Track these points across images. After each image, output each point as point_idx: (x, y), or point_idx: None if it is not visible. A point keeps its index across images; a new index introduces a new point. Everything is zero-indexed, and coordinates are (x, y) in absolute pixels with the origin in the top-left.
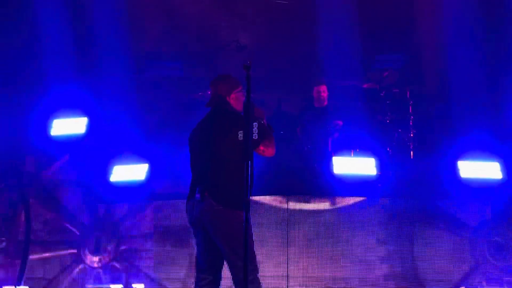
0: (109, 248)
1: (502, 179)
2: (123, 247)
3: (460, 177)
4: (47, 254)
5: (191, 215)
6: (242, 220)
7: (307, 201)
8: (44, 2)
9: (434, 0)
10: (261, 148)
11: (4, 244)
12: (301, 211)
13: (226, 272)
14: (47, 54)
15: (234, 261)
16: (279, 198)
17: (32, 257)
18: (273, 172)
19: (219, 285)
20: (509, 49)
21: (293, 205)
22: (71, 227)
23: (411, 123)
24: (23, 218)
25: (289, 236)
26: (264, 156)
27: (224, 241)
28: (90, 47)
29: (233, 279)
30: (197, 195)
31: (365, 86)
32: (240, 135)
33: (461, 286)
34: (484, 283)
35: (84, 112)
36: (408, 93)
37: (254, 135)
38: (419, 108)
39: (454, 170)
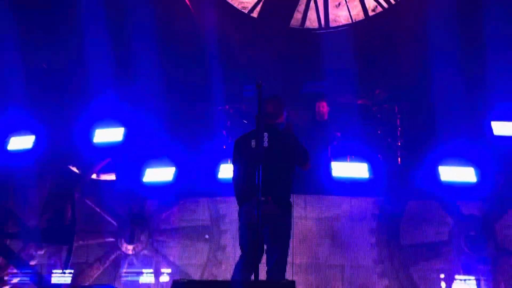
0: (142, 238)
1: (476, 182)
2: (153, 238)
3: (440, 180)
4: (90, 242)
5: (250, 213)
6: (291, 221)
7: (311, 199)
8: (88, 25)
9: (419, 32)
10: (308, 166)
11: None
12: (305, 207)
13: None
14: (90, 72)
15: (276, 251)
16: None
17: (77, 243)
18: None
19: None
20: (482, 70)
21: (299, 203)
22: (110, 219)
23: (398, 134)
24: (69, 211)
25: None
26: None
27: (277, 235)
28: (128, 67)
29: (270, 261)
30: (262, 199)
31: (359, 102)
32: (253, 143)
33: (441, 274)
34: (461, 271)
35: (122, 123)
36: (396, 108)
37: (265, 143)
38: (405, 121)
39: (435, 174)
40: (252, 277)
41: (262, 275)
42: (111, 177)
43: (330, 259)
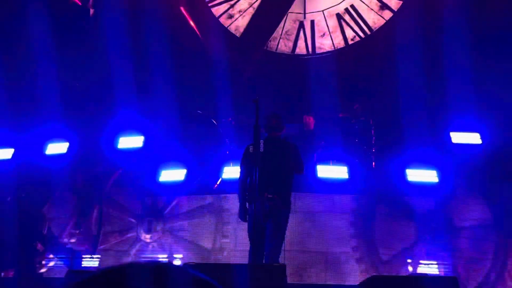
0: (158, 228)
1: (437, 182)
2: (167, 228)
3: (407, 180)
4: (114, 240)
5: (261, 208)
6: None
7: (300, 196)
8: (114, 45)
9: (390, 56)
10: (302, 172)
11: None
12: (295, 203)
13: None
14: (115, 90)
15: (276, 237)
16: None
17: (103, 246)
18: None
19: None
20: (443, 88)
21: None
22: (130, 219)
23: (373, 142)
24: (95, 214)
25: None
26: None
27: (279, 226)
28: (148, 83)
29: (268, 246)
30: (269, 196)
31: (340, 115)
32: (251, 148)
33: (408, 259)
34: (425, 257)
35: (142, 131)
36: (371, 121)
37: (261, 148)
38: (378, 132)
39: (403, 175)
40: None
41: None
42: (130, 179)
43: (316, 247)
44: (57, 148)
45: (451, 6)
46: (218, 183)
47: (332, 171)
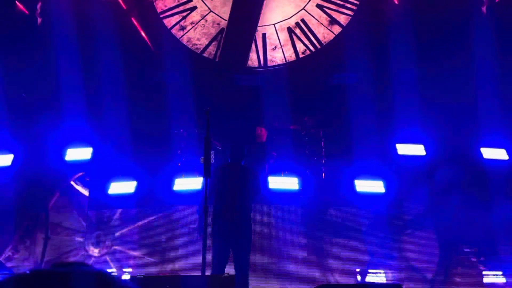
0: (106, 242)
1: (384, 192)
2: (117, 241)
3: (356, 190)
4: (60, 250)
5: (224, 224)
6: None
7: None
8: (63, 55)
9: (338, 70)
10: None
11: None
12: None
13: None
14: (63, 99)
15: (245, 253)
16: None
17: (52, 236)
18: None
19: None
20: (390, 103)
21: None
22: (76, 238)
23: (323, 153)
24: (43, 224)
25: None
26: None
27: (246, 241)
28: (96, 95)
29: (237, 262)
30: (232, 213)
31: (291, 127)
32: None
33: (357, 268)
34: (372, 265)
35: (90, 143)
36: (321, 132)
37: (212, 159)
38: (328, 143)
39: (352, 186)
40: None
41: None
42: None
43: (267, 257)
44: (1, 160)
45: (396, 21)
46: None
47: (283, 182)
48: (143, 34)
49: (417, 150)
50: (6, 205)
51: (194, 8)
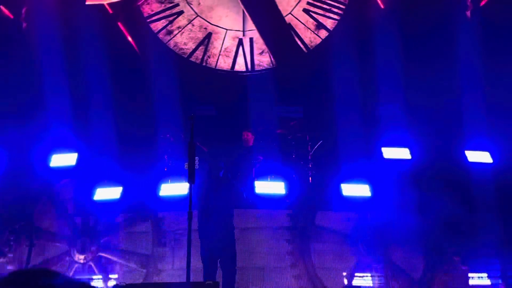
0: (92, 248)
1: (370, 196)
2: (102, 247)
3: (342, 194)
4: (46, 255)
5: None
6: None
7: (238, 212)
8: (48, 60)
9: (316, 75)
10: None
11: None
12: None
13: None
14: (49, 108)
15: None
16: None
17: (37, 241)
18: None
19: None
20: (375, 107)
21: None
22: (61, 244)
23: (309, 158)
24: (28, 229)
25: None
26: None
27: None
28: (82, 99)
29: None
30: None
31: (278, 131)
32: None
33: (344, 272)
34: (359, 269)
35: (75, 149)
36: (307, 137)
37: (196, 165)
38: (315, 147)
39: (338, 190)
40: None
41: None
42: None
43: (253, 263)
44: None
45: (382, 25)
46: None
47: (270, 187)
48: (129, 38)
49: (403, 153)
50: None
51: (181, 12)
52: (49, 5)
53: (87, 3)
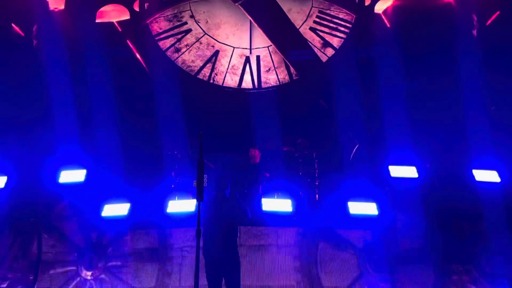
0: (99, 265)
1: (377, 214)
2: (109, 264)
3: (349, 213)
4: (52, 271)
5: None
6: None
7: (245, 230)
8: (57, 77)
9: (331, 93)
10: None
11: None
12: (240, 236)
13: None
14: (58, 125)
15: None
16: None
17: (42, 273)
18: None
19: None
20: (381, 125)
21: None
22: (72, 250)
23: (316, 175)
24: (35, 245)
25: None
26: None
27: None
28: (90, 116)
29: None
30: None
31: (285, 149)
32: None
33: None
34: (366, 287)
35: (83, 165)
36: (314, 154)
37: (205, 182)
38: (321, 165)
39: (345, 208)
40: None
41: None
42: (73, 212)
43: (260, 281)
44: None
45: (387, 44)
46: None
47: (277, 204)
48: (138, 56)
49: (410, 172)
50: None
51: (189, 30)
52: (59, 23)
53: (97, 21)
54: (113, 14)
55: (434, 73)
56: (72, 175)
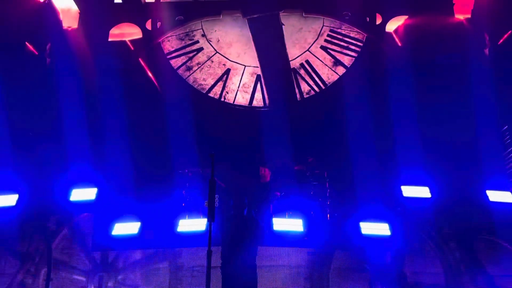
0: (109, 284)
1: (389, 235)
2: (119, 283)
3: (361, 233)
4: (64, 274)
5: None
6: None
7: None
8: (69, 96)
9: (342, 112)
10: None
11: None
12: None
13: None
14: (70, 143)
15: None
16: None
17: (54, 274)
18: None
19: None
20: (392, 146)
21: None
22: (79, 277)
23: (327, 194)
24: (46, 261)
25: None
26: None
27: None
28: (101, 137)
29: None
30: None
31: (296, 168)
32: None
33: None
34: None
35: (95, 184)
36: (325, 173)
37: (216, 202)
38: (333, 184)
39: (357, 228)
40: None
41: None
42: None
43: None
44: (5, 200)
45: (399, 62)
46: None
47: (288, 224)
48: (150, 74)
49: (422, 192)
50: (10, 244)
51: (201, 49)
52: (72, 42)
53: (109, 40)
54: (126, 33)
55: (445, 92)
56: (83, 193)
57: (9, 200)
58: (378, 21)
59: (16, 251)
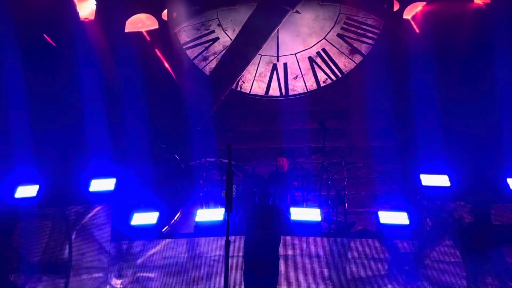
0: (128, 274)
1: (408, 224)
2: (138, 274)
3: (379, 222)
4: (83, 277)
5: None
6: None
7: None
8: (88, 89)
9: (360, 100)
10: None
11: None
12: None
13: None
14: (90, 139)
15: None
16: None
17: (73, 278)
18: None
19: None
20: (412, 135)
21: None
22: (101, 257)
23: (345, 184)
24: (67, 251)
25: None
26: None
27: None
28: (120, 134)
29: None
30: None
31: (313, 157)
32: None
33: None
34: None
35: (113, 175)
36: (343, 162)
37: (234, 193)
38: (351, 174)
39: (377, 217)
40: None
41: None
42: (104, 220)
43: None
44: (27, 191)
45: (417, 50)
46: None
47: (305, 214)
48: (166, 65)
49: (442, 181)
50: (30, 235)
51: (217, 39)
52: (89, 33)
53: (126, 31)
54: (142, 24)
55: (466, 79)
56: (103, 184)
57: (30, 191)
58: (396, 7)
59: (38, 239)
